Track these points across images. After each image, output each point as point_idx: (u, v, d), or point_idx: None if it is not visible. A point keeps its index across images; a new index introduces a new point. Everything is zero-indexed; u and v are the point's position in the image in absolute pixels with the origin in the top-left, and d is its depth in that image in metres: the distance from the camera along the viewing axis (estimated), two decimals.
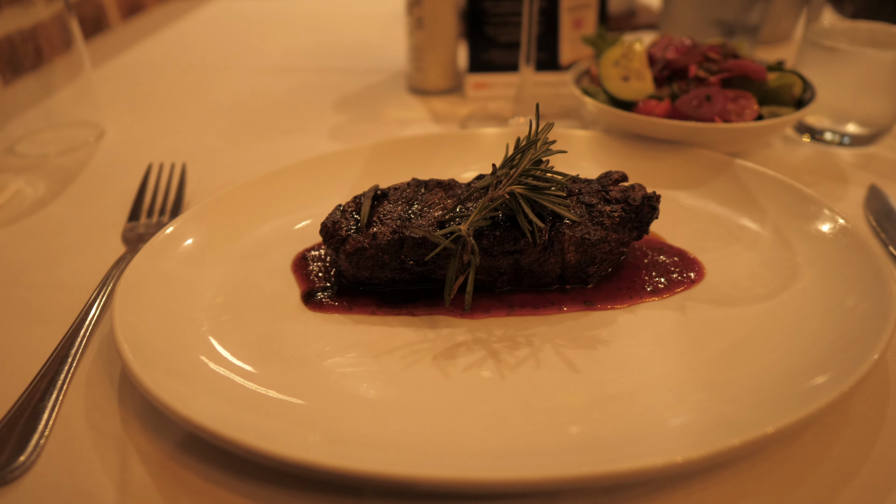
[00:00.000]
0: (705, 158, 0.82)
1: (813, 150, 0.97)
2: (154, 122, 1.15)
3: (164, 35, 1.67)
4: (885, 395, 0.55)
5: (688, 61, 0.90)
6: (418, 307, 0.64)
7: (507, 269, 0.64)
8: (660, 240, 0.73)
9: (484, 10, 1.16)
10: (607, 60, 0.94)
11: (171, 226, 0.71)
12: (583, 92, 0.92)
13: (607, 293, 0.65)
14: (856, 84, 0.93)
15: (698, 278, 0.67)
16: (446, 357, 0.58)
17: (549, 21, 1.16)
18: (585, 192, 0.66)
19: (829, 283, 0.62)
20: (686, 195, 0.80)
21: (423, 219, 0.64)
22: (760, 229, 0.73)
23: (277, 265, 0.71)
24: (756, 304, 0.63)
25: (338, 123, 1.12)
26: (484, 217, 0.61)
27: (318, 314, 0.64)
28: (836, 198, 0.85)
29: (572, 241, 0.63)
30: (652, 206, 0.65)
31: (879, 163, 0.93)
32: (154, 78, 1.37)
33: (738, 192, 0.78)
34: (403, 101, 1.20)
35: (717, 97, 0.84)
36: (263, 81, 1.33)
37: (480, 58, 1.19)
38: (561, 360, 0.57)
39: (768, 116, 0.85)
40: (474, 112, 1.14)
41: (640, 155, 0.86)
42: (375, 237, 0.63)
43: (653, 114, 0.86)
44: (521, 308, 0.64)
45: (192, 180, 0.93)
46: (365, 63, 1.40)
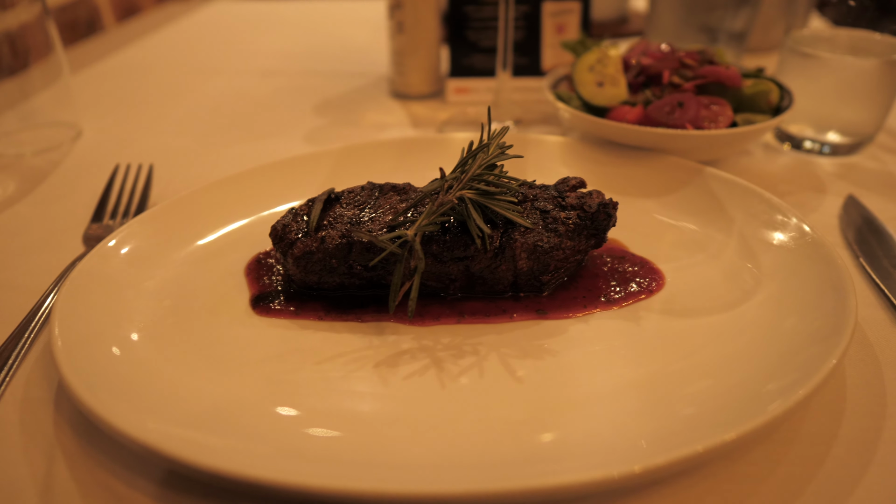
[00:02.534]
0: (676, 166, 0.81)
1: (793, 158, 0.95)
2: (132, 124, 1.14)
3: (156, 37, 1.67)
4: (838, 412, 0.53)
5: (663, 67, 0.89)
6: (367, 313, 0.63)
7: (459, 276, 0.63)
8: (622, 248, 0.71)
9: (465, 15, 1.15)
10: (582, 66, 0.92)
11: (126, 228, 0.70)
12: (556, 98, 0.91)
13: (562, 302, 0.63)
14: (836, 92, 0.91)
15: (657, 288, 0.65)
16: (388, 365, 0.57)
17: (531, 26, 1.15)
18: (541, 198, 0.65)
19: (790, 296, 0.61)
20: (655, 203, 0.79)
21: (374, 223, 0.63)
22: (726, 238, 0.71)
23: (231, 268, 0.70)
24: (711, 317, 0.61)
25: (315, 127, 1.11)
26: (433, 222, 0.60)
27: (264, 319, 0.63)
28: (811, 208, 0.83)
29: (524, 248, 0.61)
30: (608, 213, 0.63)
31: (859, 173, 0.91)
32: (139, 80, 1.37)
33: (707, 200, 0.76)
34: (384, 106, 1.19)
35: (689, 104, 0.82)
36: (247, 84, 1.33)
37: (462, 62, 1.18)
38: (505, 370, 0.56)
39: (743, 123, 0.84)
40: (453, 117, 1.13)
41: (612, 161, 0.85)
42: (324, 241, 0.62)
43: (624, 120, 0.85)
44: (471, 316, 0.62)
45: (162, 182, 0.92)
46: (350, 67, 1.40)
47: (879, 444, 0.51)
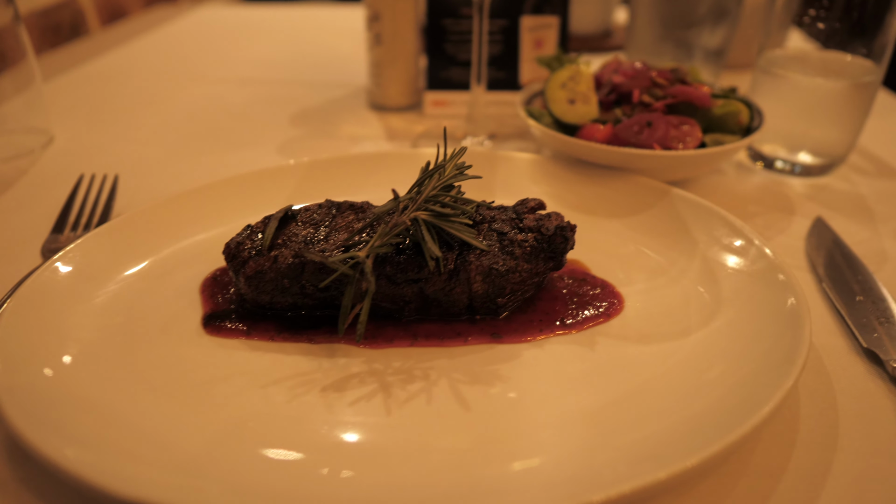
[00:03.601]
0: (643, 186, 0.80)
1: (765, 178, 0.95)
2: (105, 132, 1.13)
3: (139, 42, 1.66)
4: (789, 444, 0.53)
5: (634, 86, 0.88)
6: (319, 334, 0.62)
7: (413, 298, 0.62)
8: (584, 269, 0.71)
9: (443, 28, 1.14)
10: (555, 83, 0.92)
11: (81, 241, 0.69)
12: (528, 114, 0.90)
13: (517, 325, 0.62)
14: (807, 113, 0.91)
15: (615, 312, 0.64)
16: (336, 389, 0.56)
17: (509, 40, 1.15)
18: (499, 220, 0.64)
19: (746, 323, 0.60)
20: (621, 223, 0.78)
21: (328, 242, 0.62)
22: (689, 262, 0.70)
23: (187, 285, 0.69)
24: (666, 343, 0.60)
25: (290, 138, 1.10)
26: (386, 243, 0.59)
27: (215, 339, 0.62)
28: (779, 229, 0.82)
29: (479, 271, 0.60)
30: (565, 236, 0.63)
31: (829, 194, 0.90)
32: (118, 85, 1.36)
33: (671, 221, 0.76)
34: (361, 117, 1.18)
35: (658, 123, 0.82)
36: (225, 92, 1.32)
37: (439, 75, 1.17)
38: (454, 396, 0.55)
39: (712, 144, 0.83)
40: (428, 130, 1.12)
41: (581, 180, 0.84)
42: (276, 260, 0.61)
43: (593, 138, 0.84)
44: (425, 338, 0.61)
45: (128, 193, 0.91)
46: (330, 77, 1.39)
47: (829, 479, 0.50)
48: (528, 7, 1.13)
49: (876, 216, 0.85)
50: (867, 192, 0.91)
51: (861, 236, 0.80)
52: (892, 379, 0.59)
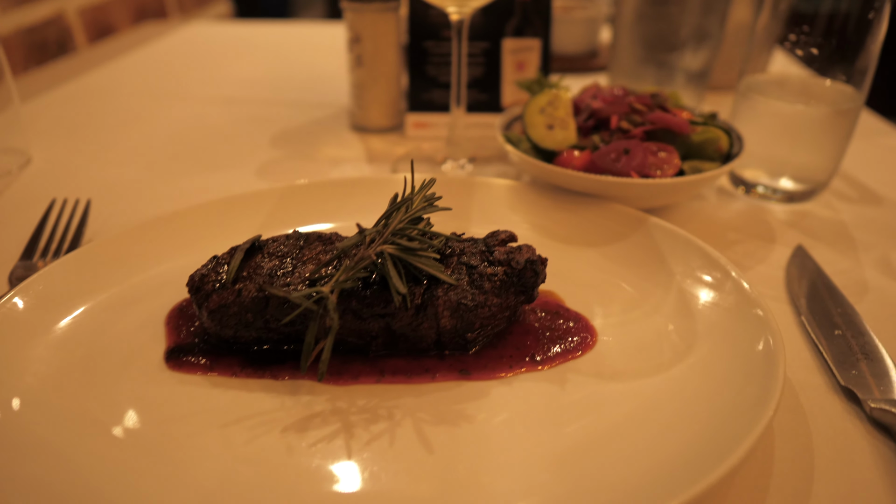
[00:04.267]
0: (620, 214, 0.79)
1: (746, 204, 0.94)
2: (85, 152, 1.12)
3: (125, 60, 1.65)
4: (763, 489, 0.51)
5: (612, 111, 0.87)
6: (284, 370, 0.60)
7: (380, 333, 0.60)
8: (558, 301, 0.69)
9: (425, 50, 1.13)
10: (533, 107, 0.91)
11: (45, 271, 0.67)
12: (506, 140, 0.89)
13: (487, 361, 0.61)
14: (788, 139, 0.90)
15: (587, 347, 0.63)
16: (297, 430, 0.54)
17: (491, 62, 1.14)
18: (468, 252, 0.63)
19: (720, 360, 0.59)
20: (597, 253, 0.77)
21: (293, 275, 0.61)
22: (664, 294, 0.69)
23: (152, 316, 0.67)
24: (639, 381, 0.59)
25: (269, 160, 1.09)
26: (351, 278, 0.57)
27: (176, 374, 0.60)
28: (758, 258, 0.81)
29: (447, 306, 0.59)
30: (535, 271, 0.61)
31: (811, 221, 0.89)
32: (101, 104, 1.35)
33: (648, 251, 0.74)
34: (342, 139, 1.18)
35: (636, 150, 0.81)
36: (208, 112, 1.31)
37: (421, 97, 1.16)
38: (418, 437, 0.53)
39: (690, 171, 0.82)
40: (409, 153, 1.11)
41: (558, 207, 0.83)
42: (240, 294, 0.60)
43: (571, 165, 0.83)
44: (392, 375, 0.60)
45: (102, 217, 0.90)
46: (314, 97, 1.38)
47: None
48: (510, 30, 1.12)
49: (858, 245, 0.83)
50: (849, 219, 0.90)
51: (842, 266, 0.79)
52: (869, 419, 0.57)
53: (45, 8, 1.67)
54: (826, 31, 0.84)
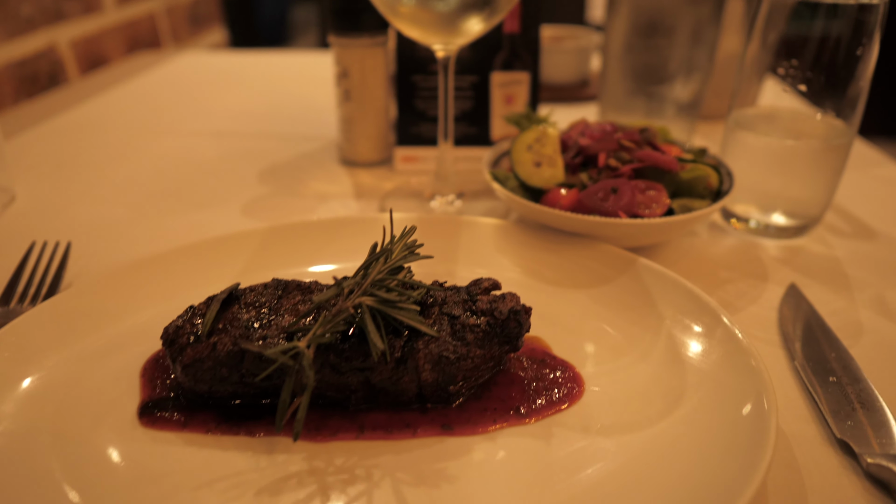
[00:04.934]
0: (609, 255, 0.77)
1: (738, 240, 0.92)
2: (70, 189, 1.11)
3: (117, 92, 1.65)
4: None
5: (600, 148, 0.86)
6: (260, 426, 0.58)
7: (359, 387, 0.59)
8: (544, 348, 0.67)
9: (413, 84, 1.13)
10: (521, 144, 0.90)
11: (14, 322, 0.66)
12: (493, 178, 0.88)
13: (470, 415, 0.59)
14: (779, 174, 0.89)
15: (574, 399, 0.61)
16: (271, 493, 0.52)
17: (480, 96, 1.14)
18: (450, 302, 0.61)
19: (711, 413, 0.57)
20: (586, 295, 0.75)
21: (271, 328, 0.59)
22: (654, 339, 0.67)
23: (127, 368, 0.65)
24: (626, 436, 0.57)
25: (256, 196, 1.08)
26: (328, 332, 0.56)
27: (149, 431, 0.58)
28: (751, 298, 0.79)
29: (427, 359, 0.57)
30: (518, 321, 0.60)
31: (805, 257, 0.88)
32: (89, 138, 1.34)
33: (637, 294, 0.73)
34: (331, 173, 1.16)
35: (623, 189, 0.79)
36: (197, 146, 1.30)
37: (410, 131, 1.16)
38: (396, 501, 0.51)
39: (679, 209, 0.81)
40: (398, 188, 1.10)
41: (546, 247, 0.82)
42: (215, 348, 0.58)
43: (558, 204, 0.82)
44: (372, 430, 0.58)
45: (84, 258, 0.88)
46: (304, 129, 1.38)
47: None
48: (499, 63, 1.12)
49: (852, 283, 0.82)
50: (843, 255, 0.88)
51: (836, 305, 0.77)
52: (866, 474, 0.55)
53: (36, 41, 1.67)
54: (814, 64, 0.83)
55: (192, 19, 2.51)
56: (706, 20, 1.11)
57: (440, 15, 0.82)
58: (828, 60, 0.82)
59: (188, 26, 2.47)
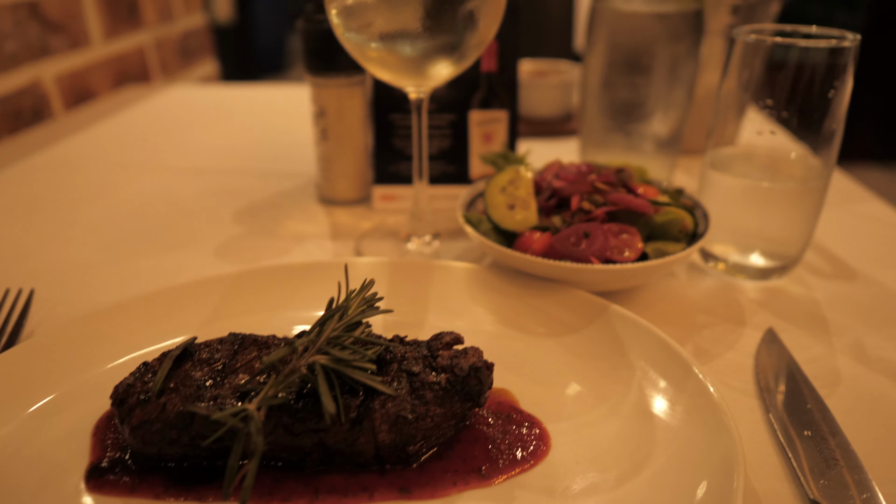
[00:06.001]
0: (581, 301, 0.76)
1: (717, 281, 0.91)
2: (43, 230, 1.09)
3: (100, 128, 1.65)
4: None
5: (573, 191, 0.85)
6: (210, 490, 0.56)
7: (314, 449, 0.56)
8: (511, 402, 0.65)
9: (391, 123, 1.12)
10: (494, 186, 0.89)
11: None
12: (466, 221, 0.87)
13: (430, 476, 0.57)
14: (755, 215, 0.88)
15: (540, 457, 0.59)
16: None
17: (458, 134, 1.13)
18: (410, 358, 0.59)
19: (678, 475, 0.55)
20: (556, 344, 0.73)
21: (224, 387, 0.57)
22: (625, 391, 0.66)
23: (80, 425, 0.63)
24: (593, 498, 0.54)
25: (231, 237, 1.07)
26: (280, 392, 0.54)
27: (97, 496, 0.56)
28: (727, 345, 0.77)
29: (384, 420, 0.55)
30: (479, 378, 0.58)
31: (783, 300, 0.86)
32: (69, 175, 1.33)
33: (609, 343, 0.71)
34: (308, 212, 1.15)
35: (596, 234, 0.78)
36: (176, 183, 1.29)
37: (388, 170, 1.15)
38: None
39: (653, 254, 0.79)
40: (376, 227, 1.09)
41: (519, 293, 0.80)
42: (164, 408, 0.56)
43: (530, 249, 0.80)
44: (327, 494, 0.56)
45: (49, 304, 0.87)
46: (285, 166, 1.37)
47: None
48: (476, 102, 1.11)
49: (830, 328, 0.80)
50: (822, 298, 0.87)
51: (813, 352, 0.76)
52: None
53: (20, 77, 1.67)
54: (788, 103, 0.83)
55: (183, 52, 2.52)
56: (683, 57, 1.11)
57: (409, 59, 0.81)
58: (801, 100, 0.82)
59: (178, 59, 2.48)
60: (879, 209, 1.13)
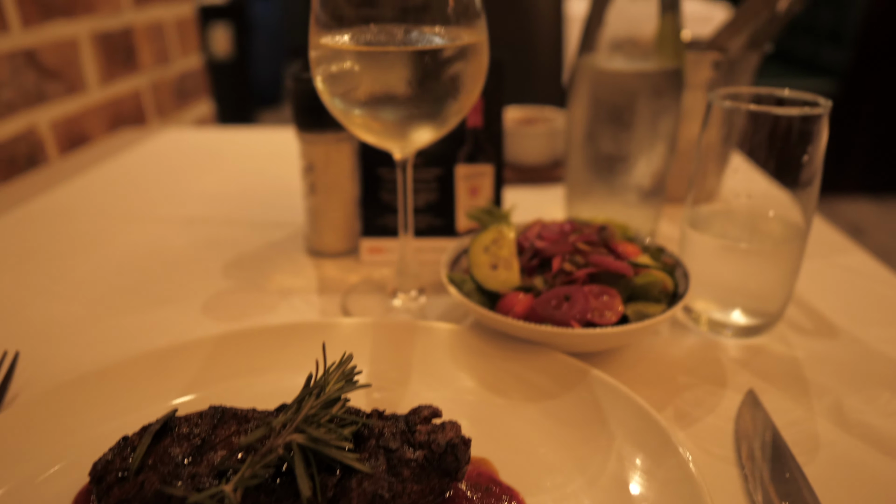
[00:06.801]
0: (563, 366, 0.76)
1: (699, 339, 0.92)
2: (31, 285, 1.10)
3: (93, 174, 1.66)
4: None
5: (556, 251, 0.87)
6: None
7: None
8: (491, 473, 0.66)
9: (378, 177, 1.14)
10: (478, 246, 0.90)
11: None
12: (449, 281, 0.88)
13: None
14: (735, 274, 0.89)
15: None
16: None
17: (445, 187, 1.15)
18: (388, 433, 0.60)
19: None
20: (536, 409, 0.74)
21: (202, 464, 0.58)
22: (604, 461, 0.66)
23: (60, 496, 0.63)
24: None
25: (219, 291, 1.07)
26: (258, 471, 0.54)
27: None
28: (708, 408, 0.78)
29: (361, 499, 0.55)
30: (456, 455, 0.58)
31: (765, 359, 0.87)
32: (59, 226, 1.34)
33: (589, 410, 0.71)
34: (297, 265, 1.16)
35: (576, 297, 0.79)
36: (166, 233, 1.30)
37: (375, 223, 1.16)
38: None
39: (633, 316, 0.80)
40: (362, 281, 1.09)
41: (501, 355, 0.81)
42: (143, 487, 0.56)
43: (513, 310, 0.81)
44: None
45: (34, 364, 0.87)
46: (275, 214, 1.38)
47: None
48: (463, 156, 1.13)
49: (810, 389, 0.81)
50: (803, 356, 0.87)
51: (793, 416, 0.76)
52: None
53: (16, 124, 1.69)
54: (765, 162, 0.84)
55: (178, 93, 2.55)
56: (665, 112, 1.13)
57: (393, 124, 0.83)
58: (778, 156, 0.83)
59: (174, 100, 2.52)
60: (861, 260, 1.15)
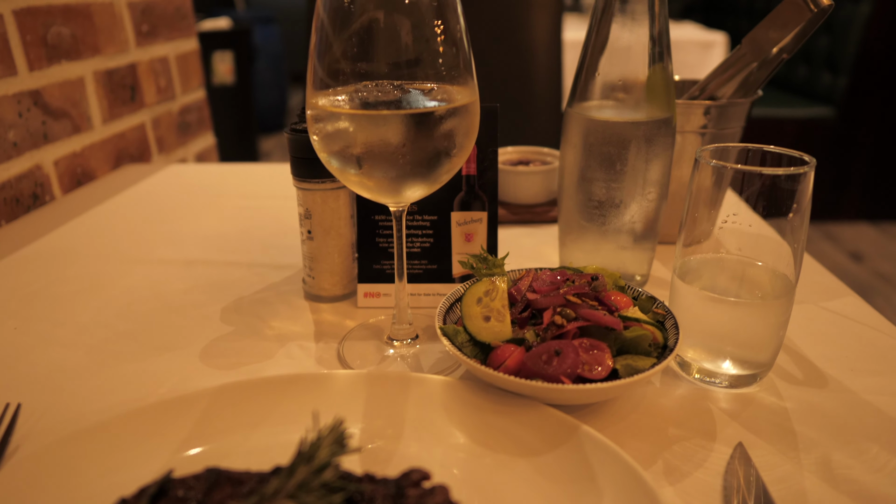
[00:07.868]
0: (553, 421, 0.78)
1: (690, 389, 0.93)
2: (32, 330, 1.12)
3: (96, 213, 1.69)
4: None
5: (547, 304, 0.88)
6: None
7: None
8: None
9: (375, 223, 1.16)
10: (471, 297, 0.92)
11: None
12: (442, 333, 0.89)
13: None
14: (724, 326, 0.90)
15: None
16: None
17: (440, 233, 1.17)
18: (379, 497, 0.61)
19: None
20: (526, 464, 0.75)
21: None
22: None
23: None
24: None
25: (217, 338, 1.09)
26: None
27: None
28: (697, 462, 0.79)
29: None
30: None
31: (755, 410, 0.88)
32: (61, 268, 1.36)
33: (578, 466, 0.72)
34: (295, 308, 1.18)
35: (567, 351, 0.81)
36: (166, 276, 1.32)
37: (372, 268, 1.18)
38: None
39: (623, 369, 0.82)
40: (358, 327, 1.11)
41: (492, 408, 0.82)
42: None
43: (504, 363, 0.83)
44: None
45: (36, 414, 0.88)
46: (275, 256, 1.40)
47: None
48: (457, 203, 1.15)
49: (799, 443, 0.82)
50: (792, 408, 0.88)
51: (781, 471, 0.77)
52: None
53: (22, 164, 1.72)
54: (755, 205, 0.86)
55: (181, 128, 2.59)
56: (656, 159, 1.15)
57: (385, 182, 0.85)
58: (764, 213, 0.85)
59: (176, 136, 2.56)
60: (852, 305, 1.16)
